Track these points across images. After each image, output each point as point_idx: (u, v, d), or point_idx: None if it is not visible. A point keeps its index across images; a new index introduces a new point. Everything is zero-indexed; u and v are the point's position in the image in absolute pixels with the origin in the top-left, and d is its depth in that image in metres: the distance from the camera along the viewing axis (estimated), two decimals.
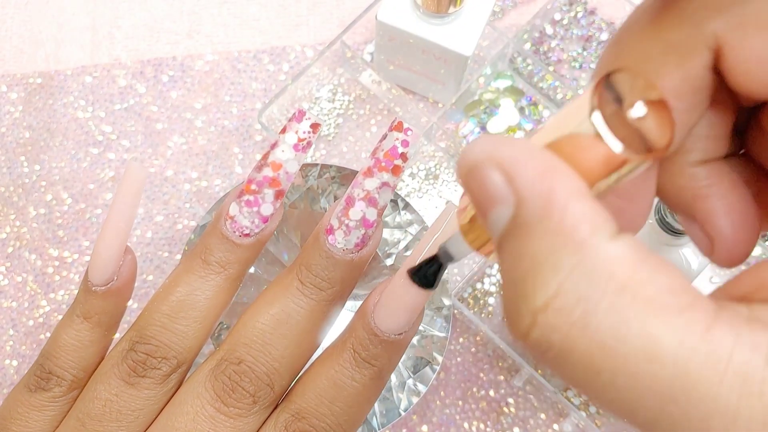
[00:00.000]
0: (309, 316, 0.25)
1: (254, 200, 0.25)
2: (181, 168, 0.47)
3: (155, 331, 0.25)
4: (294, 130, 0.25)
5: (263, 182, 0.25)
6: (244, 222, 0.26)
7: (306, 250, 0.26)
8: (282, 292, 0.25)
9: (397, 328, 0.25)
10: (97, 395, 0.25)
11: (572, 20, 0.50)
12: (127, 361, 0.25)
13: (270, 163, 0.25)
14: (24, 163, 0.47)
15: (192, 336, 0.25)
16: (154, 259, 0.45)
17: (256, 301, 0.26)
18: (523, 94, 0.49)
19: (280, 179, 0.25)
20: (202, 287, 0.26)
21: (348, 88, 0.49)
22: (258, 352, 0.25)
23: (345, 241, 0.25)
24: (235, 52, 0.50)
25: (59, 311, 0.44)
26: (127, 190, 0.26)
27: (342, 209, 0.25)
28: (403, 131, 0.26)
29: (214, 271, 0.26)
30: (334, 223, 0.25)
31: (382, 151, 0.25)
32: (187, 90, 0.49)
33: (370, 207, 0.25)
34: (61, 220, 0.46)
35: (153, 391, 0.25)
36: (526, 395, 0.43)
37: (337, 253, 0.25)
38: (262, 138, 0.48)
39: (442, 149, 0.47)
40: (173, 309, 0.25)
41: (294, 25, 0.51)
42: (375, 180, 0.25)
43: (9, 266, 0.45)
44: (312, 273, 0.25)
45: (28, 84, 0.49)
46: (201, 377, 0.25)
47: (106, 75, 0.49)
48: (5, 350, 0.43)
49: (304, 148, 0.25)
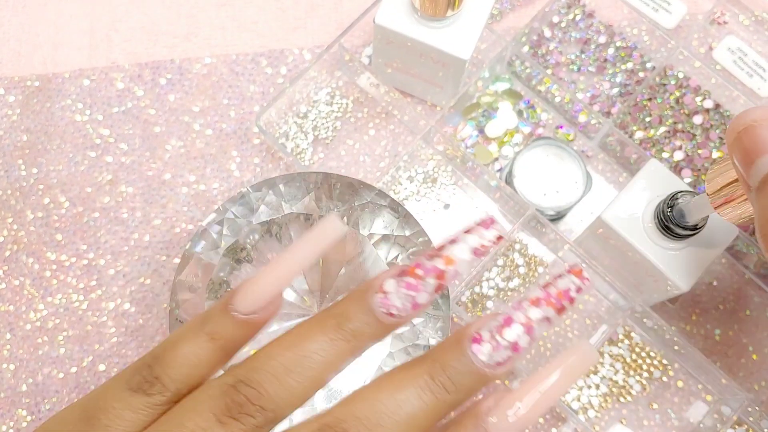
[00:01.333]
0: (428, 413, 0.25)
1: (415, 285, 0.25)
2: (179, 171, 0.47)
3: (265, 378, 0.25)
4: (479, 234, 0.26)
5: (430, 271, 0.25)
6: (396, 302, 0.26)
7: (445, 348, 0.26)
8: (409, 381, 0.25)
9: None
10: (185, 422, 0.24)
11: (570, 23, 0.50)
12: (225, 398, 0.24)
13: (444, 256, 0.25)
14: (21, 167, 0.47)
15: (298, 395, 0.25)
16: (152, 262, 0.45)
17: (382, 379, 0.26)
18: (522, 97, 0.49)
19: (447, 275, 0.25)
20: (328, 350, 0.25)
21: (346, 91, 0.49)
22: (360, 426, 0.24)
23: (489, 356, 0.25)
24: (233, 55, 0.50)
25: (56, 315, 0.44)
26: (319, 238, 0.26)
27: (497, 326, 0.26)
28: (581, 279, 0.26)
29: (345, 338, 0.26)
30: (484, 335, 0.26)
31: (555, 288, 0.26)
32: (185, 93, 0.49)
33: (526, 335, 0.25)
34: (59, 223, 0.46)
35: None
36: None
37: (477, 363, 0.25)
38: (260, 141, 0.48)
39: (440, 152, 0.47)
40: (292, 363, 0.25)
41: (292, 28, 0.51)
42: (539, 312, 0.25)
43: (6, 270, 0.45)
44: (446, 374, 0.25)
45: (25, 87, 0.49)
46: (306, 426, 0.25)
47: (104, 78, 0.49)
48: (2, 354, 0.43)
49: (481, 254, 0.26)
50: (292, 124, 0.47)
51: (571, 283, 0.26)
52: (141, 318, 0.44)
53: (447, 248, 0.26)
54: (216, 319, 0.26)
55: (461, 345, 0.26)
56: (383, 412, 0.25)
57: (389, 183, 0.46)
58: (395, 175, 0.47)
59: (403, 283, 0.26)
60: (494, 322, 0.26)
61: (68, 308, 0.44)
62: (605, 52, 0.50)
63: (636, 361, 0.43)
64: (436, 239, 0.46)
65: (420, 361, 0.26)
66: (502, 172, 0.47)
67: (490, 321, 0.26)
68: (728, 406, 0.42)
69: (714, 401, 0.43)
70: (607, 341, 0.44)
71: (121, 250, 0.45)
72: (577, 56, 0.50)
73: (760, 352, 0.44)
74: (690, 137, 0.47)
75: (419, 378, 0.25)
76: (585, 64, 0.49)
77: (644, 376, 0.43)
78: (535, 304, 0.26)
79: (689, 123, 0.47)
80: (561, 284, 0.26)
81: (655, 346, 0.44)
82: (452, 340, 0.26)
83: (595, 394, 0.43)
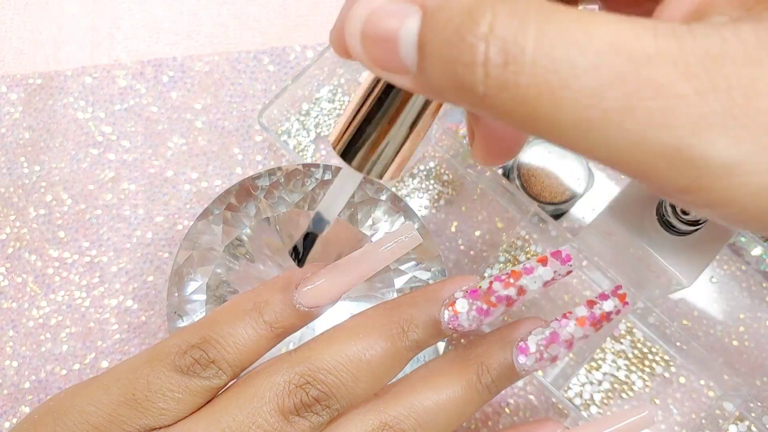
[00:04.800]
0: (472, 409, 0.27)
1: (487, 311, 0.26)
2: (181, 169, 0.47)
3: (332, 381, 0.25)
4: (554, 269, 0.26)
5: (503, 300, 0.26)
6: (464, 322, 0.26)
7: (491, 351, 0.27)
8: (457, 379, 0.26)
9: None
10: (250, 415, 0.24)
11: None
12: (293, 398, 0.24)
13: (518, 286, 0.26)
14: (24, 164, 0.47)
15: (361, 397, 0.25)
16: (154, 260, 0.45)
17: (432, 375, 0.27)
18: None
19: (516, 303, 0.26)
20: (392, 356, 0.26)
21: (348, 89, 0.49)
22: (416, 425, 0.25)
23: (531, 366, 0.27)
24: (235, 52, 0.50)
25: (59, 312, 0.44)
26: (396, 246, 0.27)
27: (545, 340, 0.27)
28: (623, 302, 0.27)
29: (410, 348, 0.26)
30: (530, 347, 0.27)
31: (600, 309, 0.27)
32: (187, 90, 0.49)
33: (566, 349, 0.27)
34: (61, 220, 0.46)
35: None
36: (526, 395, 0.43)
37: (518, 369, 0.27)
38: (262, 138, 0.48)
39: (442, 149, 0.47)
40: (358, 368, 0.25)
41: (294, 25, 0.51)
42: (582, 331, 0.27)
43: (9, 267, 0.45)
44: (491, 376, 0.27)
45: (27, 85, 0.49)
46: (363, 424, 0.25)
47: (106, 76, 0.49)
48: (5, 351, 0.43)
49: (549, 285, 0.27)
50: (294, 122, 0.47)
51: (614, 306, 0.27)
52: (144, 315, 0.44)
53: (522, 278, 0.26)
54: (278, 309, 0.26)
55: (507, 350, 0.27)
56: (437, 412, 0.26)
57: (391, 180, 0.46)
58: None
59: (475, 306, 0.26)
60: (541, 336, 0.27)
61: (71, 305, 0.44)
62: None
63: (638, 357, 0.43)
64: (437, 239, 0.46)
65: (466, 361, 0.27)
66: (504, 169, 0.47)
67: (537, 333, 0.27)
68: (730, 402, 0.42)
69: (716, 397, 0.43)
70: (610, 337, 0.44)
71: (124, 247, 0.45)
72: None
73: (762, 348, 0.44)
74: None
75: (467, 375, 0.27)
76: None
77: (646, 372, 0.43)
78: (580, 323, 0.27)
79: None
80: (606, 306, 0.27)
81: (658, 342, 0.44)
82: (498, 342, 0.27)
83: (598, 390, 0.43)
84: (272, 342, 0.26)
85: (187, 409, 0.25)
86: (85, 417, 0.24)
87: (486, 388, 0.26)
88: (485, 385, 0.26)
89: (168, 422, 0.24)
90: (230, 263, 0.38)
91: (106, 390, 0.25)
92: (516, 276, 0.26)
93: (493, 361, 0.27)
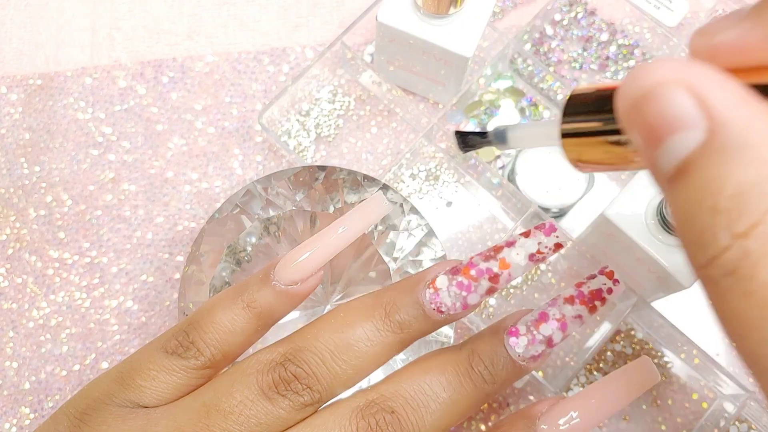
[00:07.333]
0: (467, 399, 0.26)
1: (467, 285, 0.26)
2: (182, 169, 0.47)
3: (312, 360, 0.25)
4: (538, 240, 0.26)
5: (484, 273, 0.25)
6: (446, 300, 0.26)
7: (482, 339, 0.27)
8: (453, 367, 0.26)
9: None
10: (231, 393, 0.24)
11: (572, 21, 0.50)
12: (273, 374, 0.24)
13: (500, 259, 0.25)
14: (24, 165, 0.47)
15: (343, 380, 0.25)
16: (155, 260, 0.45)
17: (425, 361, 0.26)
18: (524, 95, 0.49)
19: (501, 278, 0.26)
20: (374, 339, 0.25)
21: (348, 89, 0.49)
22: (413, 412, 0.25)
23: (524, 349, 0.26)
24: (235, 53, 0.50)
25: (59, 313, 0.44)
26: (363, 215, 0.26)
27: (534, 320, 0.26)
28: (613, 281, 0.27)
29: (392, 329, 0.26)
30: (520, 329, 0.26)
31: (588, 288, 0.26)
32: (187, 91, 0.49)
33: (560, 331, 0.26)
34: (61, 221, 0.46)
35: (286, 413, 0.24)
36: (526, 396, 0.43)
37: (513, 355, 0.26)
38: (263, 139, 0.48)
39: (443, 150, 0.47)
40: (339, 348, 0.25)
41: (294, 26, 0.51)
42: (573, 309, 0.26)
43: (9, 268, 0.45)
44: (484, 364, 0.26)
45: (28, 85, 0.49)
46: (347, 411, 0.25)
47: (106, 76, 0.49)
48: (5, 352, 0.43)
49: (537, 260, 0.26)
50: (295, 122, 0.47)
51: (602, 285, 0.26)
52: (144, 315, 0.44)
53: (503, 251, 0.26)
54: (254, 288, 0.26)
55: (498, 336, 0.26)
56: (428, 394, 0.25)
57: (391, 180, 0.46)
58: (397, 172, 0.47)
59: (455, 281, 0.26)
60: (530, 316, 0.26)
61: (71, 306, 0.44)
62: (607, 49, 0.50)
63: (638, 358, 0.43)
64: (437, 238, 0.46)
65: (458, 349, 0.27)
66: (504, 170, 0.47)
67: (526, 315, 0.27)
68: (731, 403, 0.42)
69: (716, 398, 0.43)
70: (609, 338, 0.44)
71: (124, 248, 0.45)
72: (579, 54, 0.50)
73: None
74: None
75: (461, 366, 0.26)
76: (587, 61, 0.49)
77: None
78: (569, 301, 0.26)
79: None
80: (593, 285, 0.26)
81: (657, 343, 0.44)
82: (489, 331, 0.27)
83: None
84: (252, 323, 0.26)
85: (167, 389, 0.25)
86: (87, 392, 0.26)
87: (480, 376, 0.26)
88: (479, 373, 0.26)
89: (151, 402, 0.25)
90: (233, 265, 0.38)
91: (108, 373, 0.27)
92: (497, 249, 0.26)
93: (484, 347, 0.26)
